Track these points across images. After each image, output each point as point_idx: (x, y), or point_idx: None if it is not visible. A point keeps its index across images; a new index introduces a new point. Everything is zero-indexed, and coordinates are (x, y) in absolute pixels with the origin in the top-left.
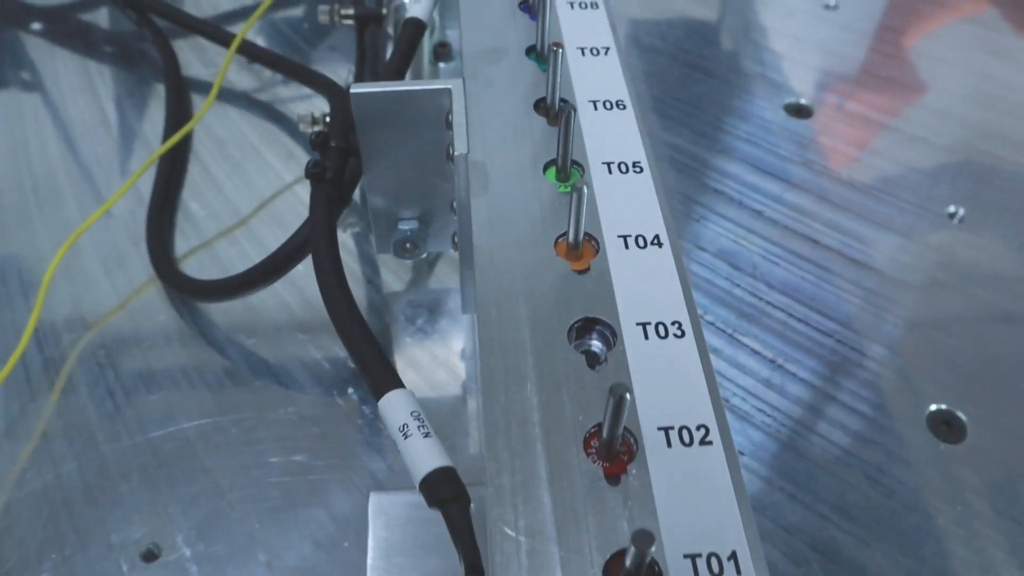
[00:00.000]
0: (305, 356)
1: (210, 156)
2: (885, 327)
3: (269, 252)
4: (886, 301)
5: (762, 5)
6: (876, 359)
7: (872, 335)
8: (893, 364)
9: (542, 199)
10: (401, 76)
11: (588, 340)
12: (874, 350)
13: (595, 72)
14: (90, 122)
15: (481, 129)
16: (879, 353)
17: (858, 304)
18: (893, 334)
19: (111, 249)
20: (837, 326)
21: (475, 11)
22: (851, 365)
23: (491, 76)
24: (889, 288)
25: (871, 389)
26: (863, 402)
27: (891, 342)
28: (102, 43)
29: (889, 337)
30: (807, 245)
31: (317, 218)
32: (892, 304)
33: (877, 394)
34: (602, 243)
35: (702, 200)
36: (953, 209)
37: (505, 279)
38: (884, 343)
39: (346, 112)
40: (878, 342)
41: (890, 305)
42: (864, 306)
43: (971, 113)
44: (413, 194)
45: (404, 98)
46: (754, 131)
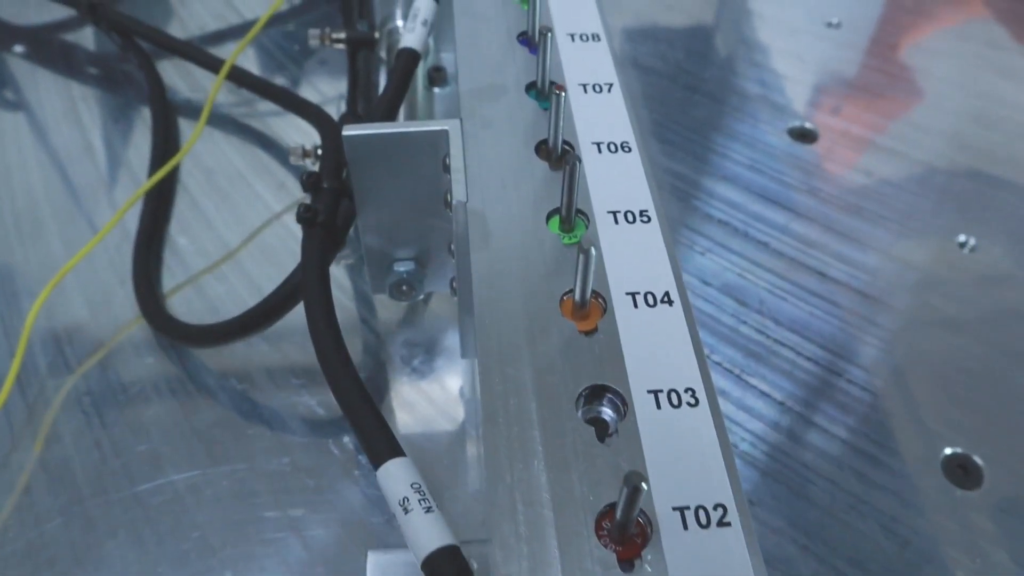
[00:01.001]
0: (298, 402)
1: (198, 187)
2: (896, 365)
3: (259, 289)
4: (896, 338)
5: (763, 23)
6: (888, 400)
7: (883, 374)
8: (906, 405)
9: (545, 252)
10: (396, 110)
11: (597, 408)
12: (885, 390)
13: (598, 111)
14: (74, 150)
15: (480, 174)
16: (891, 393)
17: (867, 341)
18: (905, 373)
19: (96, 287)
20: (847, 364)
21: (471, 45)
22: (862, 406)
23: (489, 115)
24: (899, 324)
25: (883, 432)
26: (875, 446)
27: (903, 382)
28: (85, 64)
29: (901, 376)
30: (814, 278)
31: (309, 266)
32: (903, 341)
33: (890, 437)
34: (610, 301)
35: (706, 231)
36: (964, 238)
37: (509, 342)
38: (896, 383)
39: (338, 148)
40: (889, 382)
41: (901, 342)
42: (874, 343)
43: (979, 136)
44: (409, 235)
45: (399, 140)
46: (758, 157)
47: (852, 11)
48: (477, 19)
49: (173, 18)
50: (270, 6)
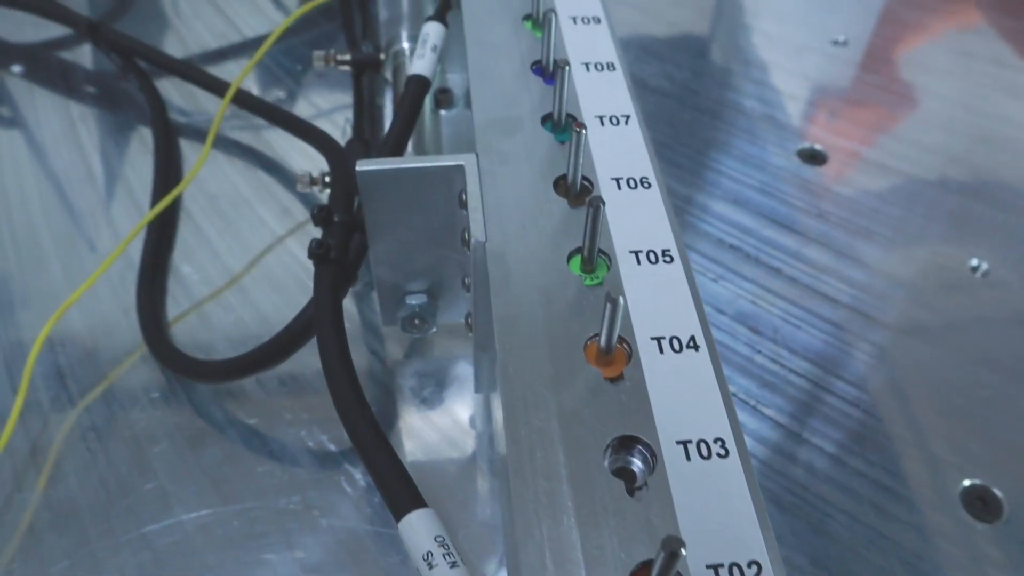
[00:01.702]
0: (309, 437)
1: (201, 213)
2: (912, 395)
3: (266, 318)
4: (912, 366)
5: (768, 42)
6: (905, 430)
7: (899, 403)
8: (924, 436)
9: (567, 295)
10: (406, 139)
11: (626, 458)
12: (902, 420)
13: (617, 145)
14: (74, 173)
15: (498, 211)
16: (908, 423)
17: (883, 370)
18: (921, 402)
19: (99, 318)
20: (862, 393)
21: (484, 75)
22: (879, 436)
23: (506, 150)
24: (914, 351)
25: (902, 462)
26: (894, 477)
27: (919, 411)
28: (84, 83)
29: (917, 406)
30: (828, 305)
31: (322, 305)
32: (918, 370)
33: (908, 468)
34: (635, 347)
35: (719, 257)
36: (976, 263)
37: (533, 391)
38: (912, 412)
39: (347, 178)
40: (905, 411)
41: (916, 371)
42: (890, 372)
43: (989, 157)
44: (422, 267)
45: (414, 175)
46: (768, 180)
47: (857, 29)
48: (489, 48)
49: (173, 36)
50: (270, 24)
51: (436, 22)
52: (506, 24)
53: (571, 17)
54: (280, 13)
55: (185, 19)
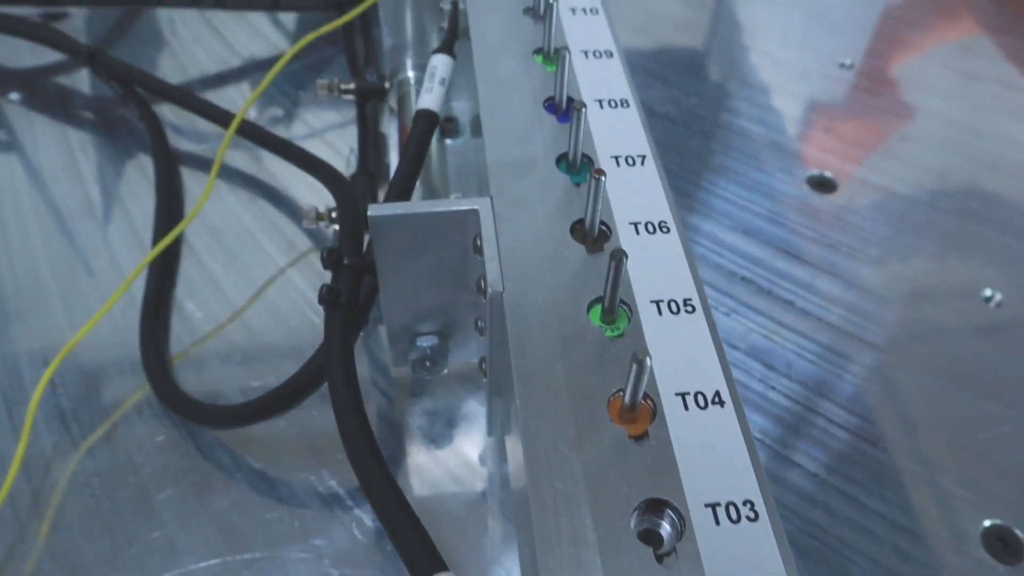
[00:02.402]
0: (319, 483)
1: (205, 247)
2: (930, 433)
3: (271, 355)
4: (928, 403)
5: (775, 65)
6: (924, 469)
7: (917, 441)
8: (942, 475)
9: (588, 347)
10: (415, 178)
11: (653, 521)
12: (920, 459)
13: (634, 187)
14: (73, 204)
15: (514, 258)
16: (926, 462)
17: (899, 407)
18: (940, 440)
19: (101, 358)
20: (878, 430)
21: (496, 113)
22: (898, 475)
23: (520, 193)
24: (931, 388)
25: (922, 503)
26: (913, 519)
27: (938, 449)
28: (82, 109)
29: (935, 444)
30: (842, 338)
31: (334, 352)
32: (935, 406)
33: (928, 509)
34: (659, 403)
35: (731, 291)
36: (989, 292)
37: (556, 451)
38: (930, 451)
39: (355, 217)
40: (923, 450)
41: (933, 407)
42: (906, 409)
43: (1001, 183)
44: (433, 308)
45: (427, 220)
46: (778, 209)
47: (863, 51)
48: (500, 84)
49: (171, 60)
50: (269, 47)
51: (444, 54)
52: (516, 57)
53: (583, 51)
54: (279, 33)
55: (184, 43)
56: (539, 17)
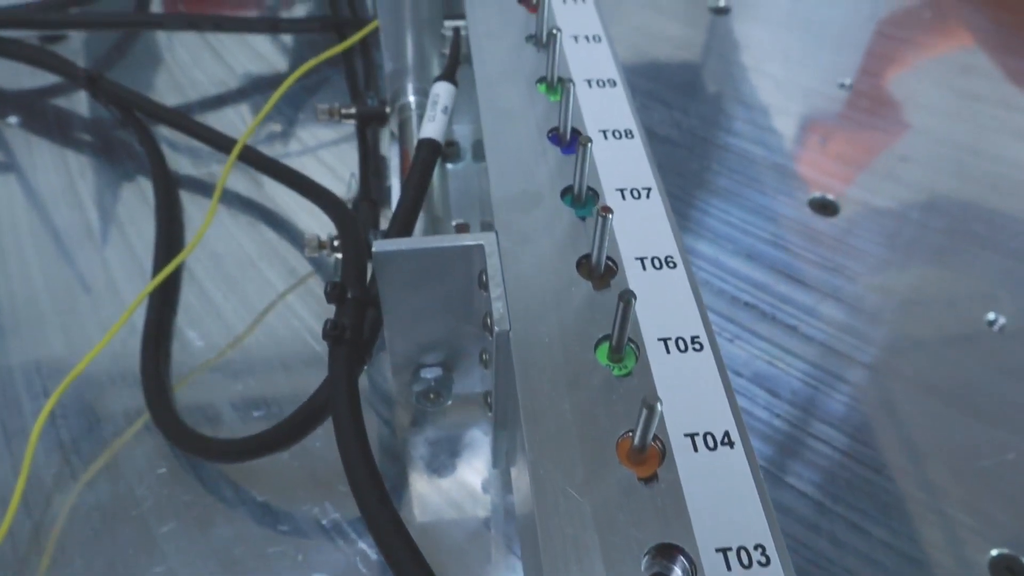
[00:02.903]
0: (322, 515)
1: (205, 274)
2: (935, 460)
3: (272, 383)
4: (932, 429)
5: (776, 86)
6: (929, 497)
7: (922, 468)
8: (948, 503)
9: (595, 386)
10: (418, 207)
11: (664, 565)
12: (925, 486)
13: (640, 220)
14: (72, 231)
15: (520, 295)
16: (931, 490)
17: (903, 434)
18: (945, 467)
19: (102, 388)
20: (882, 457)
21: (500, 145)
22: (903, 503)
23: (525, 228)
24: (934, 413)
25: (928, 532)
26: (920, 549)
27: (943, 476)
28: (81, 131)
29: (940, 471)
30: (845, 364)
31: (338, 387)
32: (939, 433)
33: (935, 538)
34: (668, 445)
35: (734, 316)
36: (992, 316)
37: (566, 496)
38: (936, 478)
39: (358, 247)
40: (928, 477)
41: (937, 434)
42: (910, 435)
43: (1002, 203)
44: (437, 341)
45: (432, 255)
46: (780, 232)
47: (862, 70)
48: (504, 115)
49: (170, 81)
50: (266, 66)
51: (446, 82)
52: (519, 86)
53: (586, 80)
54: (278, 54)
55: (182, 64)
56: (541, 45)
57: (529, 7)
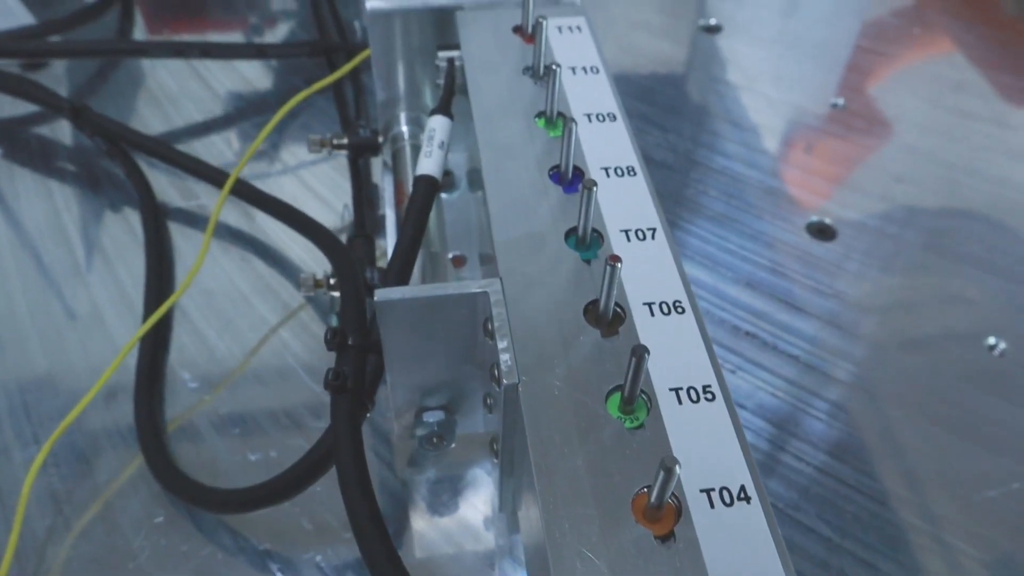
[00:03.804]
0: (324, 562)
1: (198, 312)
2: (940, 491)
3: (269, 423)
4: (937, 459)
5: (770, 107)
6: (934, 528)
7: (928, 500)
8: (955, 535)
9: (608, 440)
10: (417, 245)
11: None
12: (930, 518)
13: (646, 263)
14: (60, 267)
15: (527, 344)
16: (937, 521)
17: (907, 465)
18: (950, 498)
19: (94, 435)
20: (888, 487)
21: (501, 184)
22: (910, 537)
23: (529, 272)
24: (938, 442)
25: (936, 567)
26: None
27: (948, 508)
28: (65, 161)
29: (945, 502)
30: (849, 393)
31: (342, 437)
32: (944, 463)
33: (943, 573)
34: (684, 501)
35: (735, 347)
36: (993, 341)
37: (583, 558)
38: (941, 510)
39: (357, 290)
40: (933, 509)
41: (942, 464)
42: (914, 466)
43: (999, 224)
44: (440, 384)
45: (436, 304)
46: (779, 258)
47: (854, 89)
48: (503, 152)
49: (154, 107)
50: (256, 95)
51: (441, 116)
52: (518, 121)
53: (585, 114)
54: (266, 78)
55: (167, 91)
56: (538, 77)
57: (525, 38)
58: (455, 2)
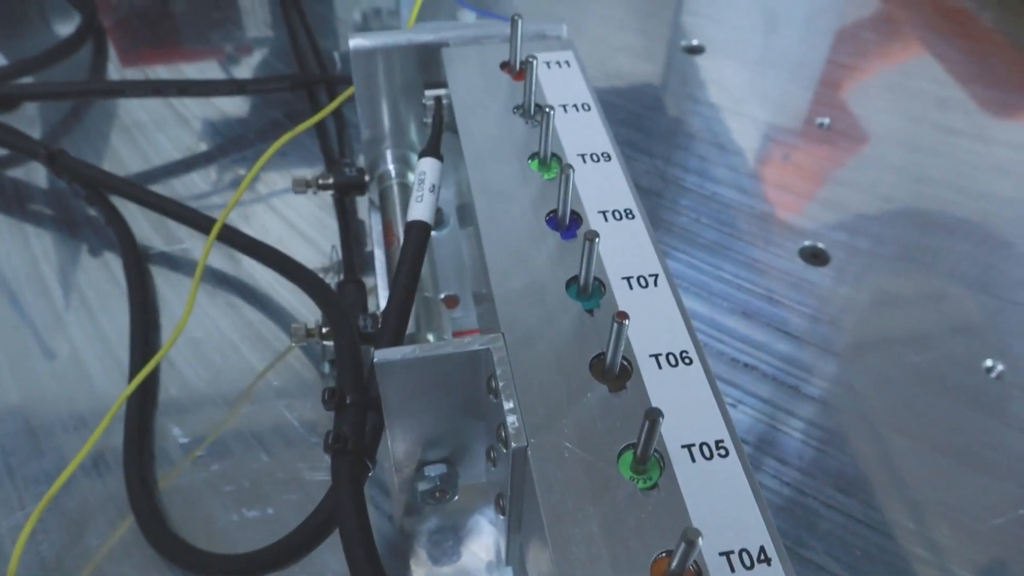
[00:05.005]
0: None
1: (186, 363)
2: (946, 520)
3: (267, 476)
4: (940, 488)
5: (755, 128)
6: (940, 559)
7: (934, 530)
8: (962, 566)
9: (622, 502)
10: (412, 297)
11: None
12: (935, 548)
13: (649, 311)
14: (40, 320)
15: (533, 403)
16: (942, 552)
17: (911, 494)
18: (954, 527)
19: (83, 498)
20: (894, 517)
21: (497, 233)
22: (919, 566)
23: (532, 325)
24: (940, 470)
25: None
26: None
27: (953, 538)
28: (41, 204)
29: (949, 532)
30: (852, 422)
31: (344, 500)
32: (947, 491)
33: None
34: (703, 566)
35: (734, 379)
36: (990, 363)
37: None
38: (946, 541)
39: (351, 343)
40: (938, 539)
41: (945, 492)
42: (919, 496)
43: (993, 244)
44: (441, 439)
45: (437, 363)
46: (774, 286)
47: (839, 107)
48: (498, 198)
49: (132, 148)
50: (235, 131)
51: (431, 158)
52: (511, 164)
53: (580, 155)
54: (245, 112)
55: (144, 129)
56: (529, 116)
57: (513, 74)
58: (440, 38)
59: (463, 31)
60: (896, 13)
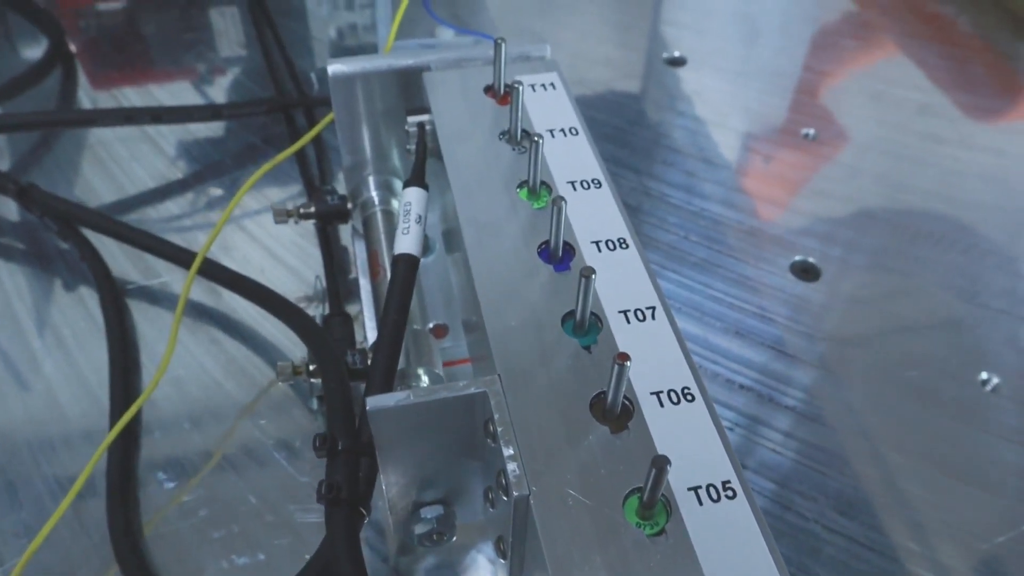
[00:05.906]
0: None
1: (168, 404)
2: (948, 540)
3: (257, 520)
4: (941, 507)
5: (740, 140)
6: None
7: (938, 551)
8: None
9: (631, 552)
10: (402, 335)
11: None
12: (940, 570)
13: (648, 346)
14: (15, 360)
15: (533, 447)
16: (950, 574)
17: (913, 515)
18: (957, 546)
19: (66, 549)
20: (898, 540)
21: (489, 269)
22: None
23: (528, 365)
24: (940, 488)
25: None
26: None
27: (957, 558)
28: (11, 239)
29: (955, 552)
30: (850, 441)
31: (340, 551)
32: (948, 510)
33: None
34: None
35: (731, 402)
36: (985, 376)
37: None
38: (950, 560)
39: (341, 383)
40: (942, 560)
41: (946, 511)
42: (921, 516)
43: (987, 253)
44: (437, 480)
45: (432, 408)
46: (766, 304)
47: (823, 118)
48: (487, 230)
49: (105, 177)
50: (211, 156)
51: (416, 187)
52: (499, 194)
53: (569, 182)
54: (217, 131)
55: (117, 157)
56: (516, 142)
57: (497, 98)
58: (421, 62)
59: (444, 53)
60: (875, 20)
